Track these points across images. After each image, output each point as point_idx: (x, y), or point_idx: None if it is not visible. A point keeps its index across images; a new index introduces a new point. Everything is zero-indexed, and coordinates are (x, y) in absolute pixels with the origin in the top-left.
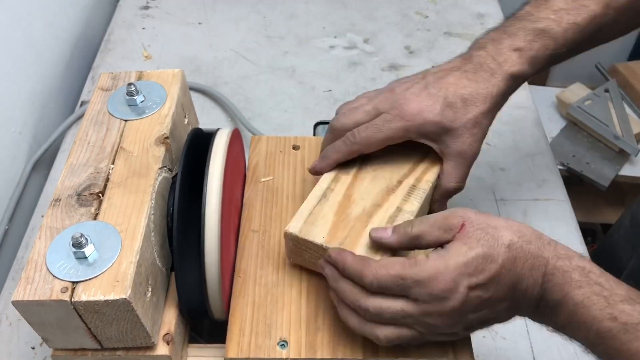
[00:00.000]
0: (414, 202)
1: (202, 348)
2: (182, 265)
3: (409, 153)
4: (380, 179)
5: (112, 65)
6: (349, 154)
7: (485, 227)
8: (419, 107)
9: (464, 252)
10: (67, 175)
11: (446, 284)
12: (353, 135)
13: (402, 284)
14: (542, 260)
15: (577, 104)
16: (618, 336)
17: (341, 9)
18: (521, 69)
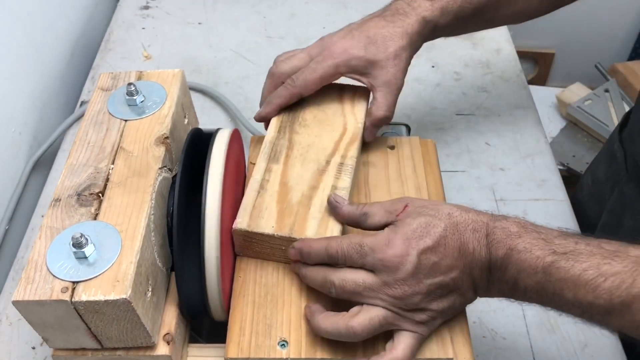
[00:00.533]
0: (345, 179)
1: (202, 348)
2: (182, 265)
3: (329, 133)
4: (309, 162)
5: (112, 65)
6: (290, 97)
7: (426, 205)
8: (344, 45)
9: (409, 222)
10: (67, 175)
11: (397, 249)
12: (292, 80)
13: (361, 251)
14: (481, 223)
15: (577, 104)
16: (561, 265)
17: (341, 9)
18: (432, 14)
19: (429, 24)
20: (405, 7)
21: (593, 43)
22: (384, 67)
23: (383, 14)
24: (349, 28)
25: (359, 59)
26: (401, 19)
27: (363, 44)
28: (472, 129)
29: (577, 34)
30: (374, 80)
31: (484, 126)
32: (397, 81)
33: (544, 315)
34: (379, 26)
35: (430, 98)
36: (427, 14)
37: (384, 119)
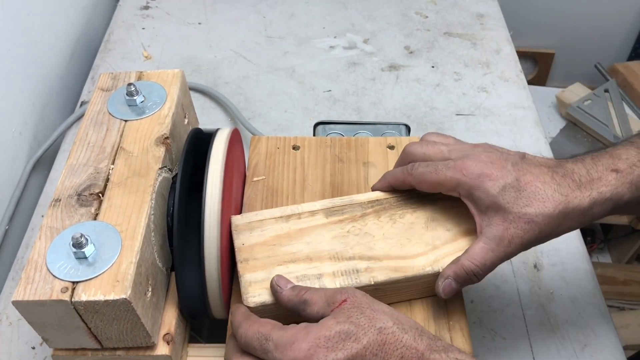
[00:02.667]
0: (337, 283)
1: (202, 348)
2: (182, 265)
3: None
4: (341, 243)
5: (112, 66)
6: (402, 183)
7: (363, 308)
8: (483, 170)
9: (329, 326)
10: (67, 175)
11: (300, 352)
12: (412, 167)
13: (264, 345)
14: (414, 351)
15: (576, 104)
16: None
17: (341, 9)
18: (615, 191)
19: (608, 202)
20: (582, 174)
21: (593, 43)
22: (507, 222)
23: (555, 167)
24: (508, 155)
25: (487, 196)
26: (570, 187)
27: (504, 184)
28: (472, 129)
29: (577, 34)
30: (487, 226)
31: (484, 126)
32: (510, 247)
33: (544, 315)
34: (540, 178)
35: (430, 98)
36: (607, 189)
37: (471, 275)
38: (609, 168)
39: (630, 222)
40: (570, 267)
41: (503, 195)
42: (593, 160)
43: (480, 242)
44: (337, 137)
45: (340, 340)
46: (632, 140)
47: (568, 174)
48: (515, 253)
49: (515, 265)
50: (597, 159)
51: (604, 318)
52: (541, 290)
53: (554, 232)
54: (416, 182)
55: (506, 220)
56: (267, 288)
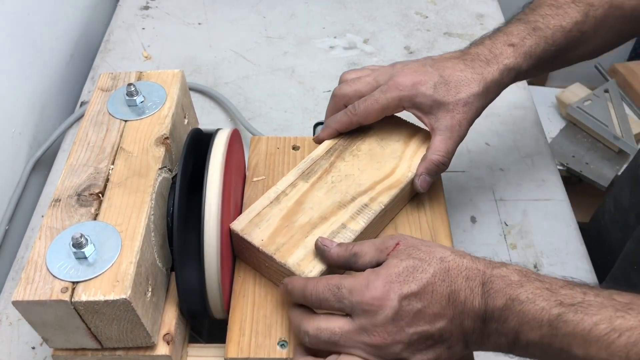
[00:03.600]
0: (360, 222)
1: (202, 348)
2: (182, 265)
3: (374, 171)
4: (336, 192)
5: (112, 66)
6: (348, 124)
7: (418, 245)
8: (413, 79)
9: (395, 264)
10: (67, 175)
11: (377, 291)
12: (353, 107)
13: (338, 293)
14: (476, 271)
15: (576, 104)
16: (569, 318)
17: (341, 9)
18: (515, 62)
19: (512, 71)
20: (487, 54)
21: None
22: (450, 112)
23: (462, 56)
24: (423, 62)
25: (426, 97)
26: (481, 66)
27: (434, 82)
28: (472, 129)
29: None
30: (436, 122)
31: (484, 126)
32: (461, 129)
33: None
34: (456, 68)
35: None
36: (509, 61)
37: (440, 164)
38: (506, 44)
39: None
40: (570, 267)
41: (437, 92)
42: (491, 41)
43: (437, 136)
44: None
45: (409, 273)
46: (519, 18)
47: (475, 58)
48: (466, 133)
49: None
50: (494, 39)
51: None
52: None
53: (485, 104)
54: (363, 118)
55: (449, 111)
56: (314, 260)
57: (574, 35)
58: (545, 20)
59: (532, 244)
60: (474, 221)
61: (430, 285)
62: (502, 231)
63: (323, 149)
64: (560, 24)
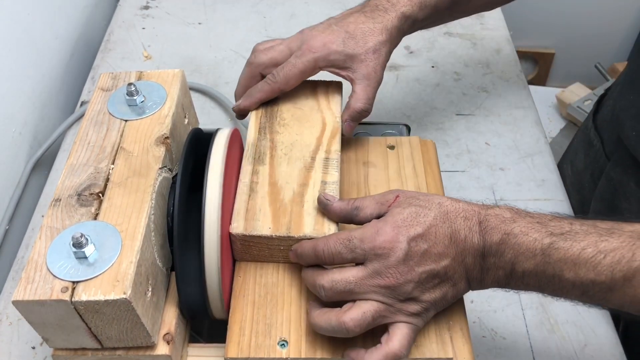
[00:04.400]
0: (333, 173)
1: (202, 348)
2: (182, 265)
3: (310, 130)
4: (295, 160)
5: (112, 65)
6: (271, 92)
7: (416, 195)
8: (323, 40)
9: (398, 212)
10: (67, 175)
11: (387, 236)
12: (273, 75)
13: (349, 245)
14: (472, 211)
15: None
16: (560, 245)
17: (341, 9)
18: (411, 10)
19: (409, 19)
20: (384, 3)
21: (593, 43)
22: (364, 61)
23: (362, 9)
24: (328, 22)
25: (339, 53)
26: (381, 15)
27: (342, 39)
28: (472, 129)
29: (577, 34)
30: (354, 73)
31: (484, 126)
32: (377, 75)
33: (544, 315)
34: (358, 21)
35: (430, 98)
36: (406, 9)
37: (363, 111)
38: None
39: None
40: None
41: (347, 46)
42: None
43: (356, 85)
44: None
45: (413, 218)
46: None
47: (374, 8)
48: (382, 77)
49: None
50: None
51: (604, 318)
52: None
53: (391, 48)
54: (284, 84)
55: (361, 61)
56: (324, 220)
57: None
58: None
59: None
60: None
61: (433, 227)
62: None
63: (253, 132)
64: None
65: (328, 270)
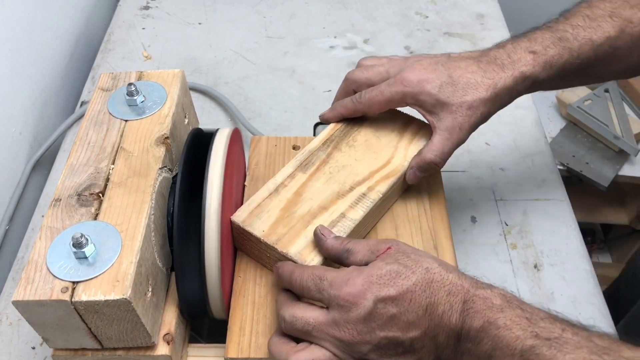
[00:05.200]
0: (359, 211)
1: (202, 348)
2: (182, 265)
3: (370, 161)
4: (334, 182)
5: (112, 65)
6: (353, 111)
7: (408, 253)
8: (420, 76)
9: (379, 266)
10: (67, 175)
11: (355, 288)
12: (360, 95)
13: (319, 285)
14: (460, 287)
15: (576, 104)
16: (542, 352)
17: (341, 9)
18: (533, 70)
19: (527, 79)
20: (504, 58)
21: None
22: (453, 113)
23: (479, 58)
24: (436, 59)
25: (430, 96)
26: (494, 70)
27: (440, 82)
28: None
29: None
30: (438, 122)
31: (484, 126)
32: (461, 132)
33: None
34: (468, 70)
35: None
36: (526, 68)
37: (432, 164)
38: (527, 50)
39: (630, 222)
40: (570, 267)
41: (442, 92)
42: (513, 45)
43: (436, 135)
44: None
45: (391, 277)
46: (550, 25)
47: (492, 61)
48: (467, 137)
49: (515, 265)
50: (516, 44)
51: (604, 318)
52: (541, 290)
53: (492, 111)
54: (367, 108)
55: (451, 112)
56: (315, 249)
57: (605, 50)
58: (575, 31)
59: (532, 244)
60: (474, 221)
61: (409, 293)
62: (502, 231)
63: (319, 140)
64: (591, 37)
65: (295, 303)
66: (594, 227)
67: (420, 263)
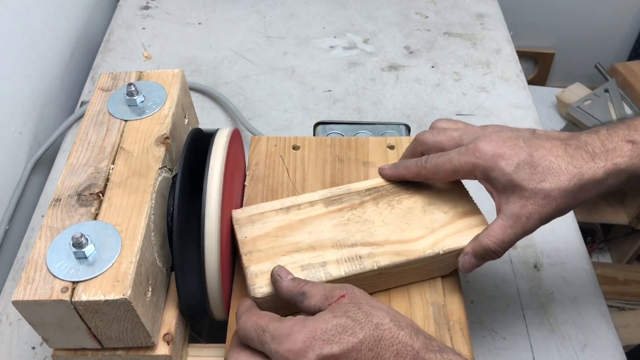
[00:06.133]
0: (341, 270)
1: (202, 348)
2: (182, 265)
3: (395, 231)
4: (343, 230)
5: (112, 65)
6: (416, 175)
7: (361, 304)
8: (496, 150)
9: (326, 319)
10: (67, 175)
11: (296, 344)
12: (426, 159)
13: (261, 337)
14: (410, 348)
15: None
16: None
17: (341, 9)
18: (630, 162)
19: (623, 173)
20: (597, 146)
21: (593, 43)
22: (524, 199)
23: (568, 140)
24: (518, 133)
25: (503, 175)
26: (584, 158)
27: (518, 161)
28: None
29: (577, 34)
30: (505, 205)
31: None
32: (529, 222)
33: (543, 315)
34: (553, 152)
35: (430, 98)
36: (622, 160)
37: (490, 252)
38: (625, 139)
39: (630, 222)
40: (570, 267)
41: (518, 172)
42: (608, 132)
43: (499, 219)
44: (337, 137)
45: (337, 333)
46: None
47: (582, 146)
48: (534, 228)
49: (515, 265)
50: (612, 130)
51: (604, 318)
52: (541, 290)
53: (571, 204)
54: (431, 174)
55: (523, 197)
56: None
57: None
58: None
59: (532, 244)
60: None
61: (354, 352)
62: None
63: (367, 185)
64: None
65: (241, 349)
66: (594, 227)
67: (370, 317)
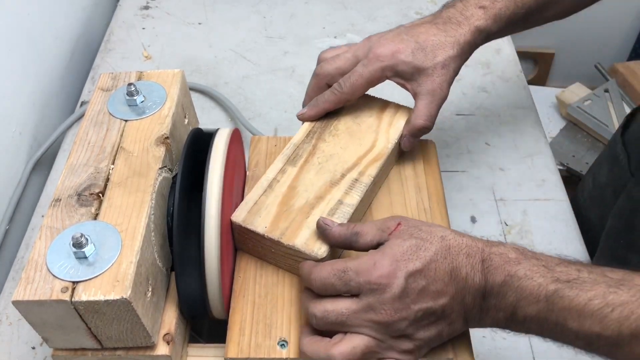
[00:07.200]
0: (355, 196)
1: (202, 348)
2: (182, 265)
3: (355, 147)
4: (325, 172)
5: (112, 65)
6: (337, 102)
7: (419, 225)
8: (392, 49)
9: (399, 244)
10: (67, 175)
11: (384, 270)
12: (339, 85)
13: (344, 277)
14: (475, 248)
15: (576, 104)
16: (565, 293)
17: (341, 9)
18: (485, 23)
19: (482, 33)
20: (458, 16)
21: (593, 43)
22: (430, 75)
23: (434, 20)
24: (397, 31)
25: (407, 65)
26: (453, 29)
27: (411, 49)
28: (472, 129)
29: (577, 34)
30: (418, 87)
31: (484, 126)
32: (442, 91)
33: None
34: (429, 33)
35: None
36: (480, 23)
37: (423, 128)
38: (476, 6)
39: None
40: None
41: (416, 58)
42: (462, 3)
43: (420, 100)
44: None
45: (413, 252)
46: None
47: (447, 21)
48: (447, 94)
49: None
50: (465, 1)
51: None
52: None
53: (460, 65)
54: (350, 95)
55: (428, 75)
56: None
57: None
58: None
59: (532, 244)
60: (474, 221)
61: (433, 263)
62: (502, 231)
63: (302, 133)
64: None
65: (320, 299)
66: None
67: (434, 233)
